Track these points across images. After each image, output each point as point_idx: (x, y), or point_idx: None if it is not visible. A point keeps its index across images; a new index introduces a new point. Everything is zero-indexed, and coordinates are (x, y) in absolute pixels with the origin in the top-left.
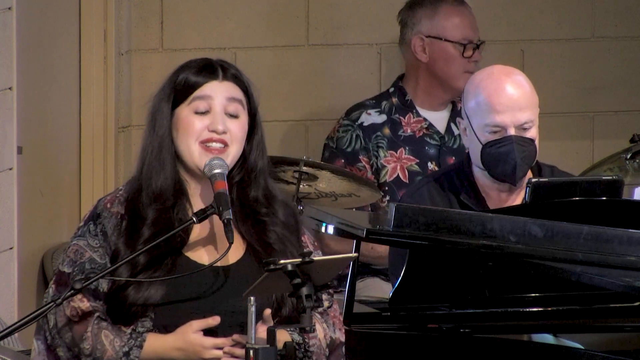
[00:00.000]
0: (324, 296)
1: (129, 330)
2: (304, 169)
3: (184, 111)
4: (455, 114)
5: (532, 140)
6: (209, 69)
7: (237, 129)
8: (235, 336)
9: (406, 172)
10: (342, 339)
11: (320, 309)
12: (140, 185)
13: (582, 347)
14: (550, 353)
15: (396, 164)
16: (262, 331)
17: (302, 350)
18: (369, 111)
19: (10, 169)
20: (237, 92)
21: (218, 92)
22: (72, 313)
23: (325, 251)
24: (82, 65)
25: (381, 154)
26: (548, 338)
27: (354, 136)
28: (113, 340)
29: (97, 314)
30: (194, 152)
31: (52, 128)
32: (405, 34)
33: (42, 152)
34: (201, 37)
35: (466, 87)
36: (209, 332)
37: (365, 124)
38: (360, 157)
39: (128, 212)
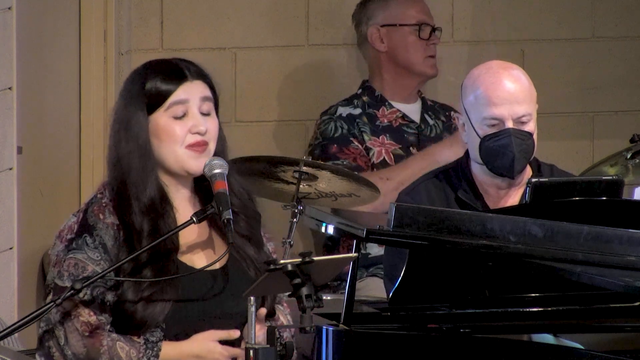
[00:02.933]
0: None
1: (142, 341)
2: (304, 169)
3: (162, 118)
4: (426, 107)
5: (530, 134)
6: (176, 71)
7: (213, 127)
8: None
9: (391, 155)
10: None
11: (284, 298)
12: (125, 193)
13: (582, 347)
14: (550, 353)
15: (381, 148)
16: (258, 329)
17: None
18: (342, 107)
19: (10, 169)
20: (207, 90)
21: (192, 94)
22: (84, 328)
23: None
24: (82, 65)
25: (366, 137)
26: (548, 338)
27: (337, 125)
28: (129, 352)
29: (107, 327)
30: (181, 157)
31: (52, 128)
32: (362, 31)
33: (42, 152)
34: (201, 37)
35: (464, 82)
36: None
37: (343, 114)
38: (351, 138)
39: (122, 223)
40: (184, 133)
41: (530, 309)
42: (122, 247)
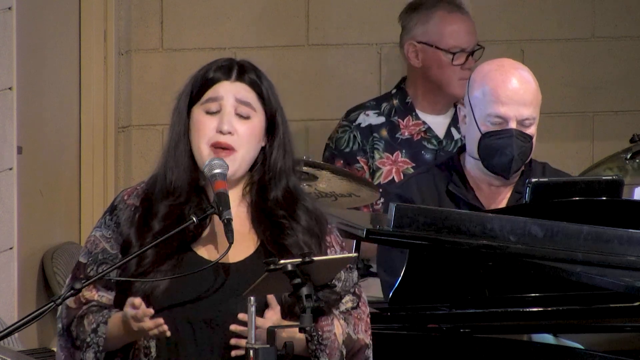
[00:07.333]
0: (347, 297)
1: (107, 310)
2: (304, 169)
3: (198, 112)
4: (456, 119)
5: (530, 137)
6: (225, 69)
7: (245, 131)
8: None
9: (402, 175)
10: (367, 341)
11: (342, 308)
12: (158, 178)
13: (582, 347)
14: (550, 353)
15: (392, 167)
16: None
17: (315, 342)
18: (367, 112)
19: (10, 169)
20: (248, 94)
21: (228, 93)
22: (76, 300)
23: None
24: (82, 65)
25: (376, 155)
26: (548, 338)
27: (352, 137)
28: (91, 320)
29: (92, 302)
30: (203, 154)
31: (52, 128)
32: (402, 38)
33: (42, 152)
34: (201, 37)
35: (472, 76)
36: (207, 322)
37: (362, 125)
38: (358, 157)
39: (143, 204)
40: (212, 130)
41: (530, 309)
42: (134, 225)
